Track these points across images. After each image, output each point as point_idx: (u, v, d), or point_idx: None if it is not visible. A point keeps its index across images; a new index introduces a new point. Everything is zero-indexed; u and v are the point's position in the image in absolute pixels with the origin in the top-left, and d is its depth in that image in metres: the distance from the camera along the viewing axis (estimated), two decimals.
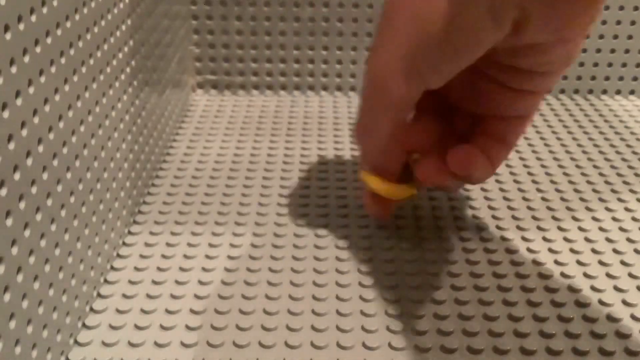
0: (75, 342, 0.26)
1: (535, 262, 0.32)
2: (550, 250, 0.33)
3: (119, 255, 0.32)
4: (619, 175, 0.40)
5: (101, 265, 0.29)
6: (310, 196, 0.37)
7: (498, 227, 0.34)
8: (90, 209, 0.27)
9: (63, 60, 0.24)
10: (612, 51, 0.50)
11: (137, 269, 0.31)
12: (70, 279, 0.26)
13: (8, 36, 0.20)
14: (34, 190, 0.22)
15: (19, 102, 0.21)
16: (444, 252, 0.32)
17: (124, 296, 0.29)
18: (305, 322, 0.28)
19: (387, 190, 0.31)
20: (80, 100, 0.26)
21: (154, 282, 0.30)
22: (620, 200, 0.37)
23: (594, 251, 0.33)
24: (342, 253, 0.32)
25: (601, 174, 0.40)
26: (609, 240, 0.34)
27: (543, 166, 0.41)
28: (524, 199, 0.37)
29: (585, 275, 0.31)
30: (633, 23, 0.49)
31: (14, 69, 0.20)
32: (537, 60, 0.26)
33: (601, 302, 0.29)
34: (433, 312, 0.28)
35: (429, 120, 0.31)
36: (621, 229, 0.35)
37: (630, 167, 0.41)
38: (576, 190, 0.38)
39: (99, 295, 0.29)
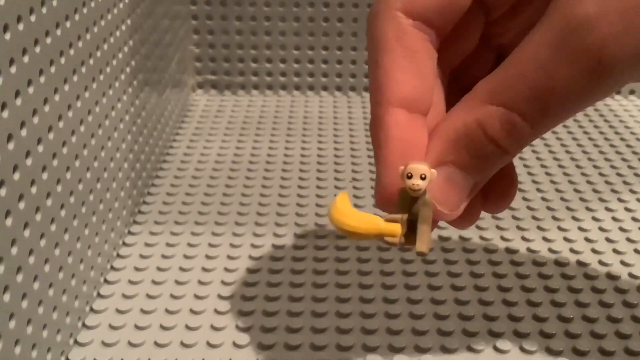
0: (75, 342, 0.26)
1: (535, 262, 0.32)
2: (550, 250, 0.33)
3: (119, 255, 0.32)
4: (619, 175, 0.40)
5: (101, 265, 0.29)
6: (310, 196, 0.37)
7: (498, 227, 0.34)
8: (90, 209, 0.27)
9: (63, 60, 0.24)
10: None
11: (137, 269, 0.31)
12: (70, 279, 0.25)
13: (7, 36, 0.20)
14: (33, 190, 0.22)
15: (18, 102, 0.21)
16: (444, 252, 0.32)
17: (124, 296, 0.29)
18: (305, 323, 0.28)
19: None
20: (80, 100, 0.26)
21: (154, 282, 0.30)
22: (620, 200, 0.37)
23: (594, 251, 0.33)
24: (342, 253, 0.32)
25: (601, 174, 0.40)
26: (609, 240, 0.34)
27: (543, 166, 0.41)
28: (524, 199, 0.37)
29: (586, 275, 0.31)
30: None
31: (13, 69, 0.20)
32: None
33: (601, 303, 0.29)
34: (433, 312, 0.28)
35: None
36: (621, 229, 0.35)
37: (630, 167, 0.41)
38: (576, 190, 0.38)
39: (99, 295, 0.29)
